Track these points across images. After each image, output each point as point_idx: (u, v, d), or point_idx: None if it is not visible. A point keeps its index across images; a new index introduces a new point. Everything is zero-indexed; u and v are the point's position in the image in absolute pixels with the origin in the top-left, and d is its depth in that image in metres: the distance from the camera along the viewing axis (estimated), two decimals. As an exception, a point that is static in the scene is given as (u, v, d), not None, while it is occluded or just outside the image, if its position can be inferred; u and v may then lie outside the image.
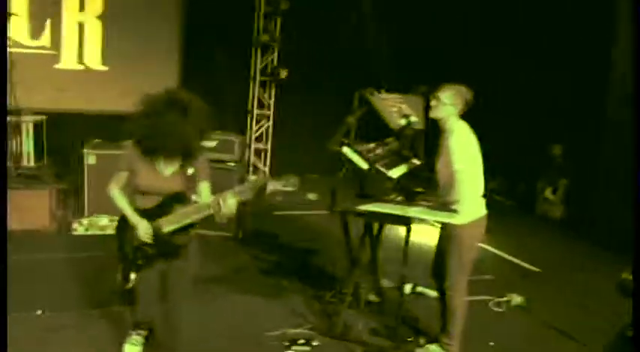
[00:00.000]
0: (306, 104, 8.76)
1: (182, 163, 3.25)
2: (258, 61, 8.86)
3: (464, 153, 3.64)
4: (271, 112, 8.94)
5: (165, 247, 3.23)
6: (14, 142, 6.78)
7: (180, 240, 3.26)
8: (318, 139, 4.60)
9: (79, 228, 6.17)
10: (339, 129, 4.14)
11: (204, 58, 8.42)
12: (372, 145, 4.24)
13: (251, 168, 9.03)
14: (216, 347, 3.97)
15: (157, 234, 3.18)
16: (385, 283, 4.89)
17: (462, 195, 3.63)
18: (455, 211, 3.56)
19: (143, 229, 3.17)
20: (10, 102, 6.88)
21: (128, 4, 8.16)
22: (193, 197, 3.35)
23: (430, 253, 4.15)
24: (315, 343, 4.09)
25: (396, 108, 4.30)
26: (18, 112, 7.06)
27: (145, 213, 3.23)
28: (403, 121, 4.27)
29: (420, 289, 5.02)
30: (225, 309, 4.61)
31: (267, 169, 9.10)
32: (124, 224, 3.35)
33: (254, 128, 9.02)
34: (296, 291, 5.00)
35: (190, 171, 3.26)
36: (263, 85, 8.97)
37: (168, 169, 3.27)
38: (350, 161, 4.01)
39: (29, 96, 7.26)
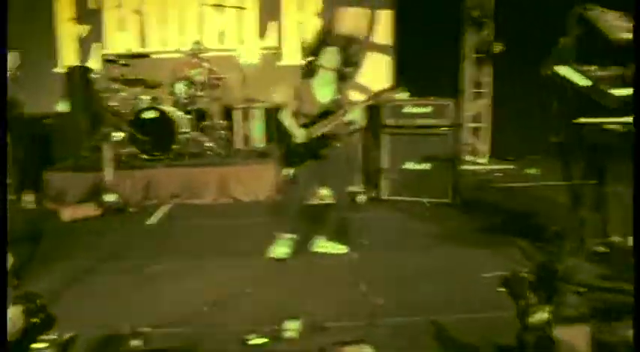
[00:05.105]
0: (525, 82, 8.23)
1: (335, 93, 4.44)
2: (472, 37, 8.58)
3: None
4: (489, 91, 8.59)
5: (315, 145, 4.39)
6: (245, 126, 7.54)
7: (325, 142, 4.42)
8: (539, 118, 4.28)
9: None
10: (552, 53, 3.79)
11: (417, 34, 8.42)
12: (592, 68, 3.79)
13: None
14: (425, 288, 3.89)
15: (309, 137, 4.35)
16: (616, 238, 4.31)
17: None
18: None
19: (300, 133, 4.36)
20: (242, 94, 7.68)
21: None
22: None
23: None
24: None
25: (618, 23, 3.80)
26: (249, 102, 7.84)
27: (302, 126, 4.39)
28: (627, 35, 3.75)
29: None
30: (439, 256, 4.55)
31: (486, 148, 8.73)
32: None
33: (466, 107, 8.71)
34: (514, 244, 4.66)
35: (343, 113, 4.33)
36: (479, 62, 8.66)
37: (324, 98, 4.43)
38: (567, 81, 3.63)
39: (257, 90, 8.01)
